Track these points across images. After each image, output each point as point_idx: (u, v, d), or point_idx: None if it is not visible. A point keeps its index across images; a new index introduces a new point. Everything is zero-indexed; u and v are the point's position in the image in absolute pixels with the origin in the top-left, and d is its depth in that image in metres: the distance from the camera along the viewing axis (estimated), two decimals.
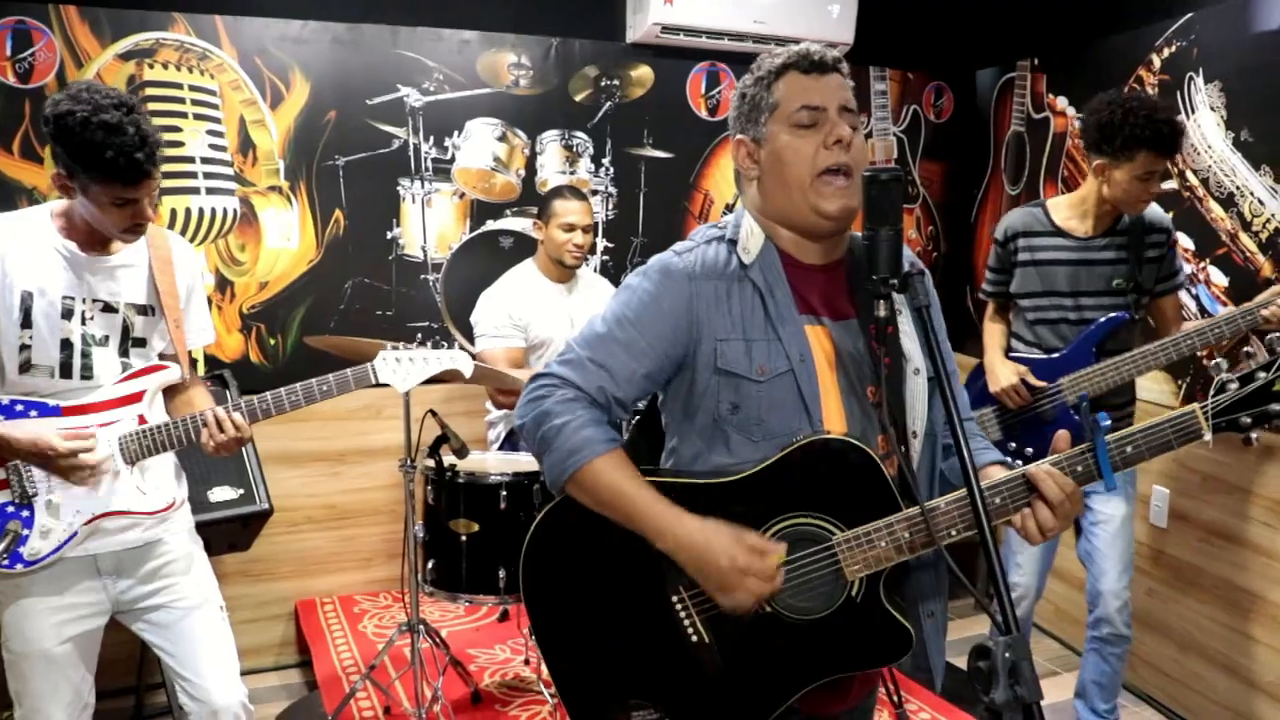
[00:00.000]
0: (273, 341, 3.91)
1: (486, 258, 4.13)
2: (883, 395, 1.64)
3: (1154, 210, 3.06)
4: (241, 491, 3.37)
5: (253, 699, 3.67)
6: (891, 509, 1.56)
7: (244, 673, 3.81)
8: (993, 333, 3.25)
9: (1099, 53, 3.97)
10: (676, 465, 1.74)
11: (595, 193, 4.32)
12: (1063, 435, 1.56)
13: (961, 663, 3.84)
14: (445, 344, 2.66)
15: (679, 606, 1.62)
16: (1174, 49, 3.60)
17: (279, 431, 3.90)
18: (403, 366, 2.57)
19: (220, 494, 3.33)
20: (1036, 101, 4.32)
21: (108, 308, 2.32)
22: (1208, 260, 3.51)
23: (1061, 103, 4.17)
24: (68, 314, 2.28)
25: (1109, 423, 1.51)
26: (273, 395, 2.45)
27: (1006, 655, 1.27)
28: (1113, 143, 2.87)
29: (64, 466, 2.24)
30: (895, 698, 3.12)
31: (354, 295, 4.00)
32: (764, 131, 1.67)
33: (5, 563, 2.25)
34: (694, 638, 1.62)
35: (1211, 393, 1.53)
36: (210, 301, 3.79)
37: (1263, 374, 1.52)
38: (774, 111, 1.65)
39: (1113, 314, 2.99)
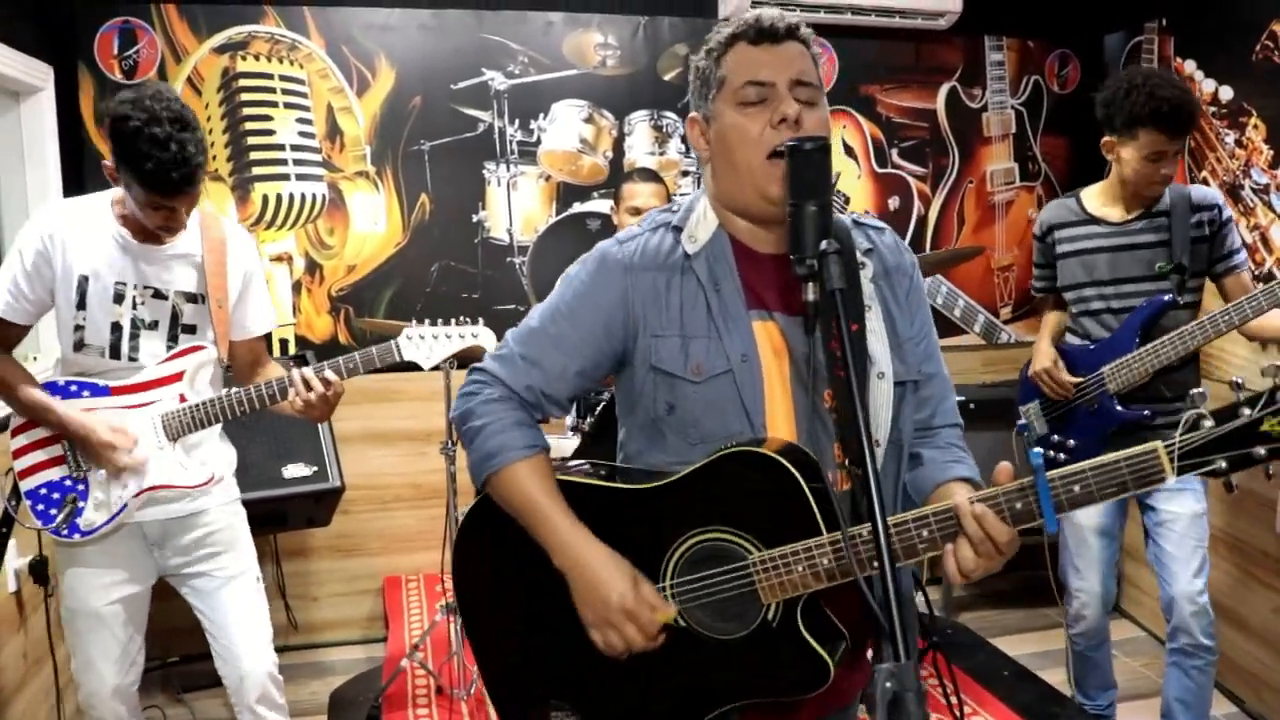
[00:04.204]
0: (360, 323, 4.01)
1: (573, 240, 4.11)
2: (850, 401, 1.48)
3: (1200, 188, 2.89)
4: (315, 469, 3.48)
5: (337, 671, 3.85)
6: (813, 531, 1.41)
7: (333, 645, 4.04)
8: (1047, 321, 3.13)
9: (1229, 8, 3.58)
10: (625, 459, 1.65)
11: (686, 174, 4.23)
12: (1004, 468, 1.37)
13: (1046, 675, 3.57)
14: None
15: None
16: None
17: (369, 412, 4.01)
18: (426, 343, 2.58)
19: (294, 471, 3.44)
20: (1163, 67, 3.94)
21: (158, 294, 2.43)
22: None
23: (1189, 67, 3.78)
24: (119, 298, 2.39)
25: (1041, 461, 1.31)
26: (299, 373, 2.48)
27: (888, 685, 1.13)
28: (1114, 121, 2.77)
29: (97, 452, 2.36)
30: (955, 706, 2.91)
31: (440, 278, 4.06)
32: (713, 110, 1.54)
33: (65, 532, 2.40)
34: None
35: (1181, 430, 1.29)
36: (300, 285, 3.93)
37: (1247, 410, 1.27)
38: (721, 88, 1.52)
39: (1154, 297, 2.80)
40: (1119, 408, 2.82)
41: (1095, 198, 2.96)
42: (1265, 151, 3.44)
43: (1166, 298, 2.79)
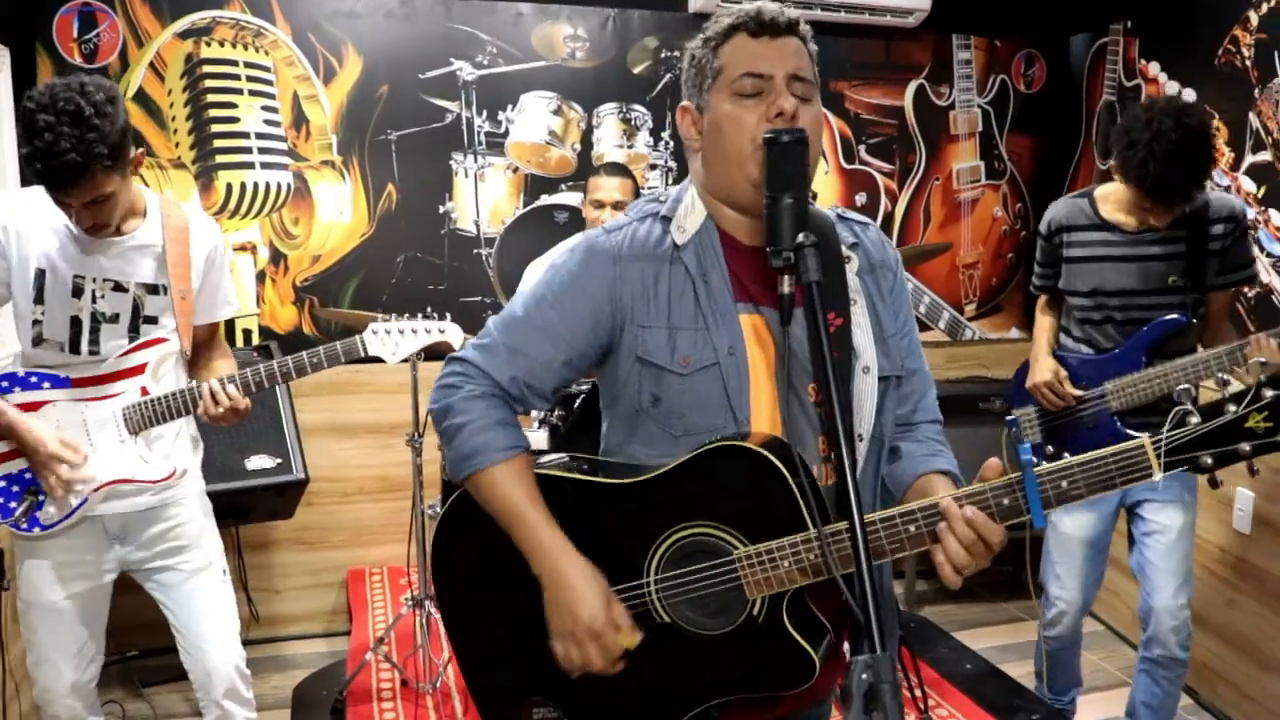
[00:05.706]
0: (325, 314, 3.97)
1: (541, 232, 4.09)
2: (827, 394, 1.48)
3: (1219, 196, 2.75)
4: (279, 461, 3.44)
5: (299, 665, 3.81)
6: (799, 526, 1.41)
7: (295, 638, 4.00)
8: (1042, 326, 3.00)
9: (1193, 11, 3.63)
10: (607, 450, 1.65)
11: (654, 167, 4.23)
12: (992, 465, 1.38)
13: (1009, 668, 3.62)
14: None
15: None
16: (1273, 3, 3.25)
17: (333, 404, 3.98)
18: (392, 338, 2.56)
19: (257, 462, 3.40)
20: (1129, 68, 4.00)
21: (118, 287, 2.38)
22: None
23: (1154, 69, 3.84)
24: (78, 292, 2.34)
25: (1030, 457, 1.32)
26: (265, 368, 2.46)
27: (864, 676, 1.14)
28: (1115, 156, 2.63)
29: (44, 464, 2.30)
30: (920, 699, 2.94)
31: (406, 269, 4.03)
32: (707, 99, 1.53)
33: (24, 526, 2.35)
34: None
35: (1168, 426, 1.30)
36: (264, 275, 3.88)
37: (1233, 407, 1.29)
38: (717, 78, 1.51)
39: (1167, 316, 2.70)
40: (1118, 425, 2.73)
41: (1109, 202, 2.80)
42: (1227, 154, 3.49)
43: (1179, 317, 2.68)
